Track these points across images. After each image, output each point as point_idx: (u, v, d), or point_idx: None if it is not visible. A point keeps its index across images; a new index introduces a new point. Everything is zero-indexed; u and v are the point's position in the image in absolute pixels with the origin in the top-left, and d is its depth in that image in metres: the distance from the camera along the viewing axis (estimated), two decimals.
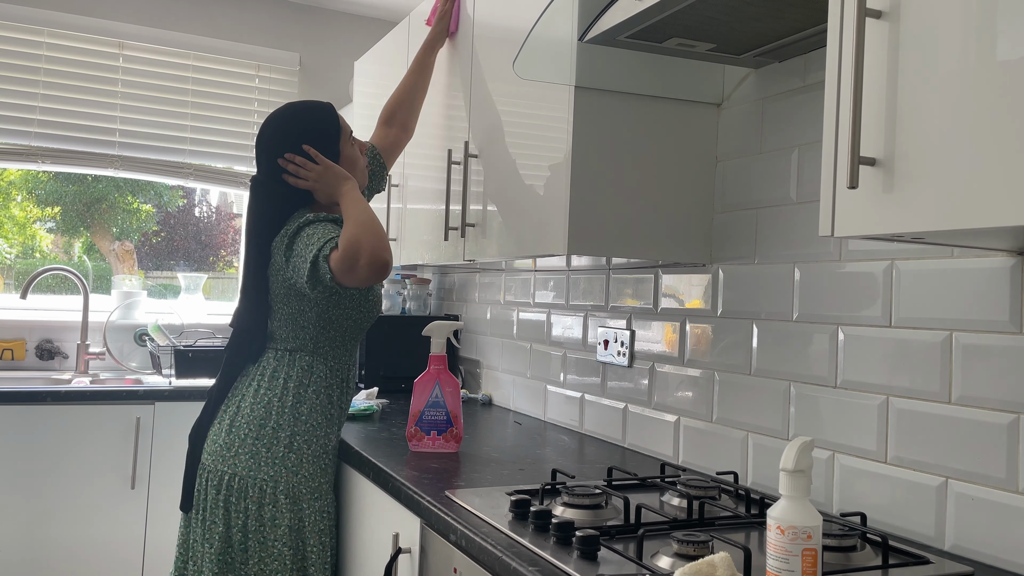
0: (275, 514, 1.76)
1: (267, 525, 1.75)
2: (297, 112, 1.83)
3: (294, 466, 1.78)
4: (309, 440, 1.81)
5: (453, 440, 1.95)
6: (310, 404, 1.82)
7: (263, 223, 1.80)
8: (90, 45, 3.41)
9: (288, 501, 1.76)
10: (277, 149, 1.79)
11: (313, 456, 1.81)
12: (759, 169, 1.75)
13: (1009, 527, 1.23)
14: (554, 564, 1.16)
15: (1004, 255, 1.26)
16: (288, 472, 1.77)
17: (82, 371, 3.28)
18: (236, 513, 1.75)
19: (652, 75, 1.74)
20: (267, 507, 1.76)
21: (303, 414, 1.81)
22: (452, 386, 1.97)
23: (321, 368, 1.85)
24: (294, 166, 1.79)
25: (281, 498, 1.76)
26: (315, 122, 1.82)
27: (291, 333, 1.83)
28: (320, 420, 1.83)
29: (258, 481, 1.75)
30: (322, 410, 1.84)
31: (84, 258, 3.77)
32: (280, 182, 1.80)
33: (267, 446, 1.77)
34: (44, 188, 3.68)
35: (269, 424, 1.78)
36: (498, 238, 2.05)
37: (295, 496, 1.77)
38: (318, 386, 1.84)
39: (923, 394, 1.37)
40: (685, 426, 1.92)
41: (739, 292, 1.78)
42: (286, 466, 1.77)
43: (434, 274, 3.42)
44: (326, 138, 1.81)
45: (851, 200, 1.04)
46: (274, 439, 1.78)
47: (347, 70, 3.89)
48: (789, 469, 1.01)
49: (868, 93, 1.03)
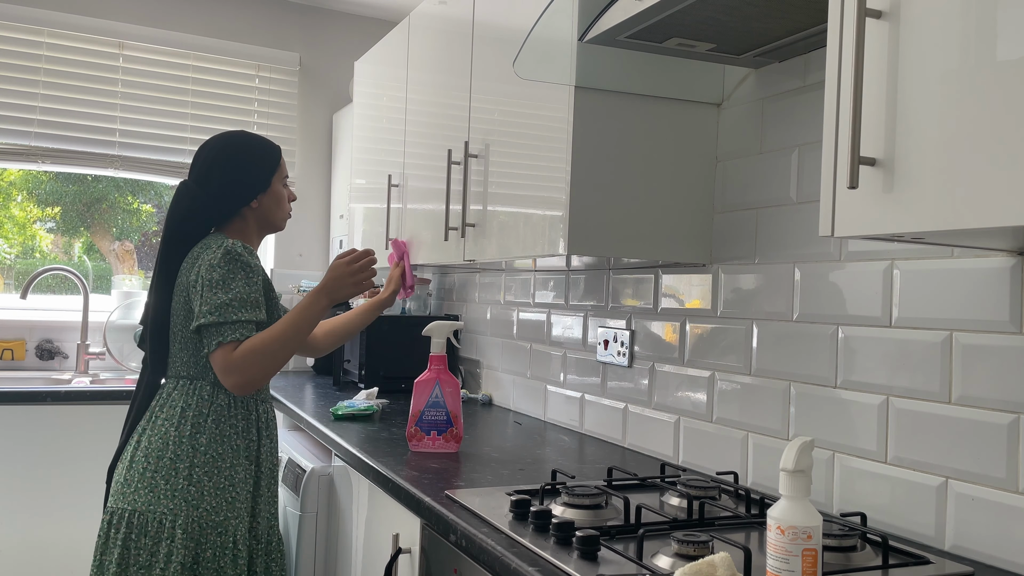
0: (171, 549, 1.68)
1: (160, 562, 1.68)
2: (248, 138, 1.91)
3: (194, 500, 1.71)
4: (210, 472, 1.74)
5: (453, 440, 1.96)
6: (209, 434, 1.76)
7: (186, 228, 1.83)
8: (90, 45, 3.41)
9: (184, 536, 1.69)
10: (217, 160, 1.86)
11: (216, 489, 1.73)
12: (759, 169, 1.75)
13: (1009, 527, 1.23)
14: (554, 564, 1.16)
15: (1004, 255, 1.26)
16: (188, 506, 1.70)
17: (82, 371, 3.28)
18: (136, 551, 1.68)
19: (652, 75, 1.74)
20: (163, 542, 1.68)
21: (201, 445, 1.74)
22: (452, 386, 1.97)
23: (223, 398, 1.80)
24: None
25: (179, 532, 1.68)
26: (258, 149, 1.90)
27: (190, 358, 1.79)
28: (222, 451, 1.76)
29: (157, 515, 1.69)
30: (224, 441, 1.77)
31: (84, 258, 3.77)
32: (210, 194, 1.84)
33: (165, 478, 1.71)
34: (44, 188, 3.68)
35: (167, 456, 1.72)
36: (498, 238, 2.05)
37: (193, 531, 1.70)
38: (218, 415, 1.78)
39: (923, 394, 1.37)
40: (685, 426, 1.92)
41: (739, 292, 1.78)
42: (186, 499, 1.70)
43: (434, 274, 3.42)
44: (263, 164, 1.89)
45: (851, 200, 1.04)
46: (172, 471, 1.71)
47: (347, 70, 3.89)
48: (789, 469, 1.01)
49: (868, 93, 1.03)
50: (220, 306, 1.71)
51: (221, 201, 1.85)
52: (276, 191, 1.92)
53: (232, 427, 1.79)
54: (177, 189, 1.87)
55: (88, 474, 2.77)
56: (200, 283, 1.73)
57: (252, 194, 1.87)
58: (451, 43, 2.40)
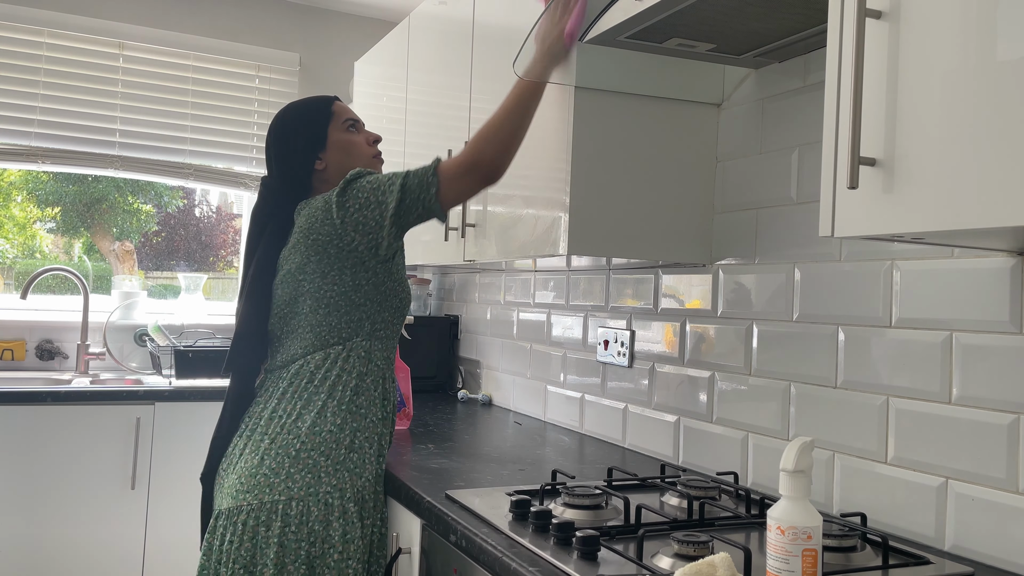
0: (346, 528, 1.54)
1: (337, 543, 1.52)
2: (290, 106, 1.80)
3: (357, 468, 1.59)
4: (370, 437, 1.62)
5: (405, 418, 2.29)
6: (368, 396, 1.63)
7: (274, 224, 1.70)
8: (90, 45, 3.41)
9: (357, 509, 1.56)
10: (269, 141, 1.77)
11: (375, 457, 1.63)
12: (759, 169, 1.75)
13: (1009, 527, 1.23)
14: (554, 564, 1.16)
15: (1004, 255, 1.26)
16: (352, 475, 1.57)
17: (82, 371, 3.28)
18: (297, 542, 1.50)
19: (652, 75, 1.74)
20: (335, 523, 1.53)
21: (362, 407, 1.62)
22: (404, 372, 2.30)
23: (379, 353, 1.67)
24: None
25: (350, 507, 1.55)
26: (300, 110, 1.77)
27: (342, 318, 1.63)
28: (378, 416, 1.65)
29: (321, 496, 1.53)
30: (379, 404, 1.66)
31: (84, 258, 3.77)
32: (277, 177, 1.74)
33: (324, 454, 1.56)
34: (44, 188, 3.68)
35: (324, 429, 1.57)
36: (498, 238, 2.04)
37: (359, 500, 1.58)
38: (376, 376, 1.66)
39: (923, 394, 1.37)
40: (685, 426, 1.92)
41: (739, 292, 1.78)
42: (349, 469, 1.57)
43: (434, 274, 3.42)
44: (310, 123, 1.75)
45: (851, 200, 1.04)
46: (333, 443, 1.57)
47: (347, 70, 3.89)
48: (789, 469, 1.01)
49: (868, 93, 1.03)
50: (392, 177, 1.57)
51: (287, 178, 1.72)
52: (338, 140, 1.75)
53: (384, 391, 1.69)
54: (261, 187, 1.77)
55: (88, 474, 2.78)
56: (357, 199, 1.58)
57: (311, 157, 1.72)
58: (451, 43, 2.40)
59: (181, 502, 2.89)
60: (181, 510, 2.89)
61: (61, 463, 2.76)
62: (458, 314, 3.18)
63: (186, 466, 2.90)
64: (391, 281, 1.68)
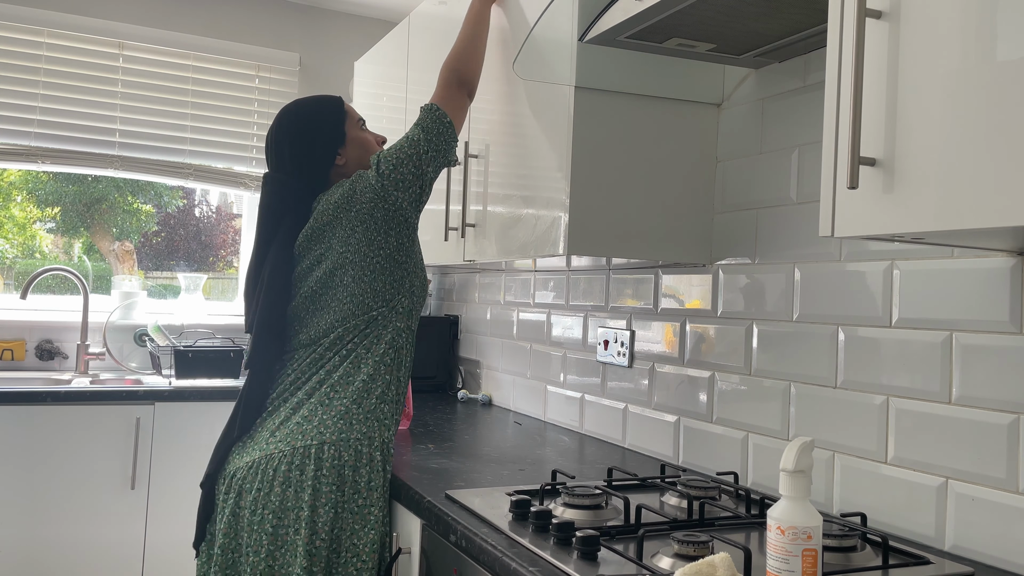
0: (371, 475, 1.61)
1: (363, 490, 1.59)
2: (303, 101, 1.84)
3: (387, 419, 1.67)
4: (397, 391, 1.71)
5: (405, 418, 2.27)
6: (398, 353, 1.72)
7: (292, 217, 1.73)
8: (90, 45, 3.41)
9: (382, 459, 1.64)
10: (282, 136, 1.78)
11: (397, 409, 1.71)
12: (759, 169, 1.75)
13: (1009, 527, 1.23)
14: (554, 564, 1.16)
15: (1004, 255, 1.26)
16: (381, 426, 1.65)
17: (82, 371, 3.28)
18: (329, 485, 1.56)
19: (652, 75, 1.74)
20: (363, 469, 1.60)
21: (394, 361, 1.70)
22: None
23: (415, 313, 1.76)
24: None
25: (377, 455, 1.62)
26: (315, 105, 1.83)
27: (387, 280, 1.69)
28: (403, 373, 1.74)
29: (352, 442, 1.60)
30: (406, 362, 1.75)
31: (84, 258, 3.77)
32: (292, 172, 1.77)
33: (356, 401, 1.64)
34: (44, 188, 3.68)
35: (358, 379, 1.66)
36: (498, 238, 2.04)
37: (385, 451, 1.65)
38: (408, 335, 1.74)
39: (923, 394, 1.37)
40: (685, 426, 1.92)
41: (739, 292, 1.78)
42: (378, 419, 1.65)
43: (434, 274, 3.42)
44: (329, 118, 1.81)
45: (851, 200, 1.04)
46: (364, 392, 1.65)
47: (347, 70, 3.89)
48: (789, 469, 1.01)
49: (868, 93, 1.03)
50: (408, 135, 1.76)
51: (305, 173, 1.76)
52: (355, 137, 1.83)
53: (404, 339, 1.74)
54: (262, 182, 1.79)
55: (88, 474, 2.77)
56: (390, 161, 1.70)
57: (332, 152, 1.78)
58: (451, 43, 2.40)
59: (181, 502, 2.89)
60: (181, 510, 2.89)
61: (61, 463, 2.76)
62: (458, 314, 3.18)
63: (186, 466, 2.90)
64: (416, 247, 1.78)
